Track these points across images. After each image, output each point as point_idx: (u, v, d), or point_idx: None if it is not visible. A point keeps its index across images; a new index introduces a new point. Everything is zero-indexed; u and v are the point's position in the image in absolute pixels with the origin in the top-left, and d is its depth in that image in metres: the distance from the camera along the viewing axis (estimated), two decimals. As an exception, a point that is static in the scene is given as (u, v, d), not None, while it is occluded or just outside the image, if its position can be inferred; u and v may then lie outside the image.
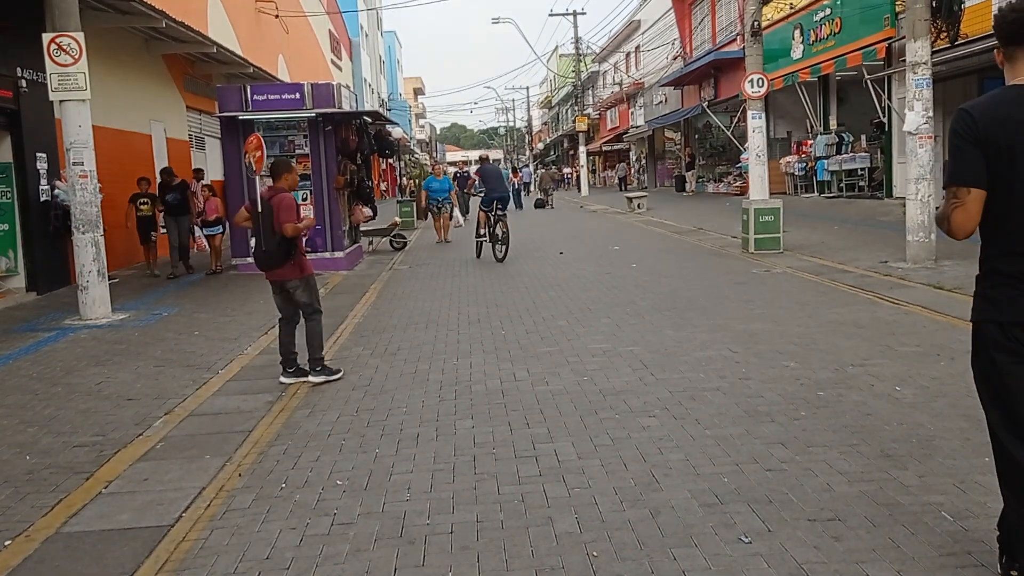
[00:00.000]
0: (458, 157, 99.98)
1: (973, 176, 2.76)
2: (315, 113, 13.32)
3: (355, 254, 15.10)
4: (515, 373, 6.53)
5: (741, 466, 4.33)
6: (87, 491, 4.46)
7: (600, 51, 48.42)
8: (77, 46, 9.40)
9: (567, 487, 4.17)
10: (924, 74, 10.58)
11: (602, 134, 55.11)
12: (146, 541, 3.80)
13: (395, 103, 63.49)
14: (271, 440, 5.14)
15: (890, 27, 17.79)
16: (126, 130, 15.31)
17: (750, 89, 14.61)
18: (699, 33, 33.91)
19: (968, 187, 2.77)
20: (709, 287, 10.22)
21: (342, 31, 44.01)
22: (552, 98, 75.66)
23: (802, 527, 3.60)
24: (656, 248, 15.32)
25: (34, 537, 3.91)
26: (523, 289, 10.91)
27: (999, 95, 2.81)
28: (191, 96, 19.22)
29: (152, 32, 15.51)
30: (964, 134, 2.78)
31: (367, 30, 54.98)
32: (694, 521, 3.71)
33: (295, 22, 29.47)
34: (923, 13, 10.60)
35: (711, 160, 34.46)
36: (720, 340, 7.26)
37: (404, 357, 7.28)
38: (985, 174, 2.74)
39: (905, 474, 4.12)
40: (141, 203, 13.37)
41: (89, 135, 9.66)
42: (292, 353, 6.60)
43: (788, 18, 22.80)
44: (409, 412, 5.62)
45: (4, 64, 11.16)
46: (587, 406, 5.53)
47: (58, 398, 6.42)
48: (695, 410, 5.33)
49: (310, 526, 3.87)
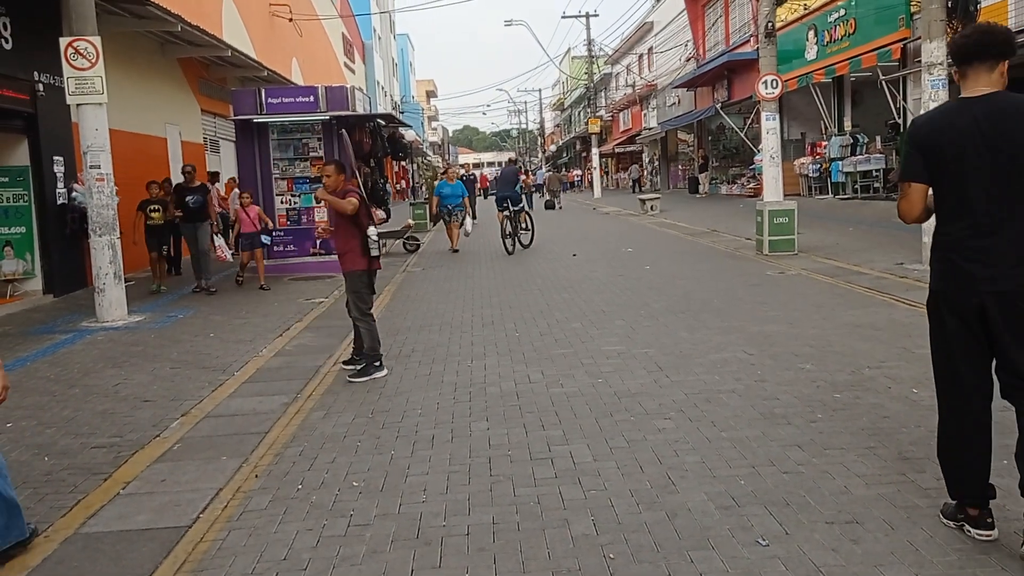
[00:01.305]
0: (471, 159, 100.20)
1: (914, 174, 3.44)
2: (329, 116, 13.37)
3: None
4: (530, 375, 6.53)
5: (758, 468, 4.32)
6: (105, 492, 4.49)
7: (613, 53, 48.38)
8: (94, 50, 9.47)
9: (583, 489, 4.17)
10: (940, 75, 10.51)
11: (615, 136, 55.06)
12: (164, 542, 3.82)
13: (408, 106, 63.62)
14: (287, 441, 5.16)
15: (905, 28, 17.68)
16: (142, 133, 15.41)
17: (764, 90, 14.56)
18: (712, 34, 33.82)
19: (910, 182, 3.46)
20: (723, 289, 10.18)
21: (355, 34, 44.14)
22: (564, 100, 75.65)
23: (820, 530, 3.59)
24: (670, 250, 15.29)
25: (53, 538, 3.94)
26: (537, 291, 10.91)
27: (946, 107, 3.47)
28: (206, 99, 19.33)
29: (168, 36, 15.61)
30: (910, 142, 3.49)
31: (380, 33, 55.14)
32: (711, 524, 3.70)
33: (309, 25, 29.57)
34: (939, 14, 10.54)
35: (724, 162, 34.35)
36: (735, 342, 7.24)
37: (419, 359, 7.29)
38: (925, 173, 3.41)
39: (923, 476, 4.10)
40: (152, 210, 12.19)
41: (106, 138, 9.74)
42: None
43: (802, 19, 22.71)
44: (424, 414, 5.63)
45: (22, 68, 11.26)
46: (602, 408, 5.52)
47: (76, 399, 6.46)
48: (711, 412, 5.31)
49: (327, 527, 3.88)
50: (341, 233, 6.78)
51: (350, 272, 6.76)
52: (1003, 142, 3.25)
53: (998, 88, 3.34)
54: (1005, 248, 3.27)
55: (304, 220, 13.67)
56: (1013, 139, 3.23)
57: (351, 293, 6.80)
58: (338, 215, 6.72)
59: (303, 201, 13.66)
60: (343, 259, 6.80)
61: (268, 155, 13.60)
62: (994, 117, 3.27)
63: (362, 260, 6.74)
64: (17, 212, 11.48)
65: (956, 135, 3.32)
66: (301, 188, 13.69)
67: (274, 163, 13.62)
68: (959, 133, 3.31)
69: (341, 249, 6.78)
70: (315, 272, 13.13)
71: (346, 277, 6.82)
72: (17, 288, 11.48)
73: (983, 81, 3.35)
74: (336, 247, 6.89)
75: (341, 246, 6.78)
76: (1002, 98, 3.30)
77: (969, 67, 3.37)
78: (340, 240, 6.79)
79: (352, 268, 6.75)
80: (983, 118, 3.28)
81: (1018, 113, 3.25)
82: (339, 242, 6.81)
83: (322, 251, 13.56)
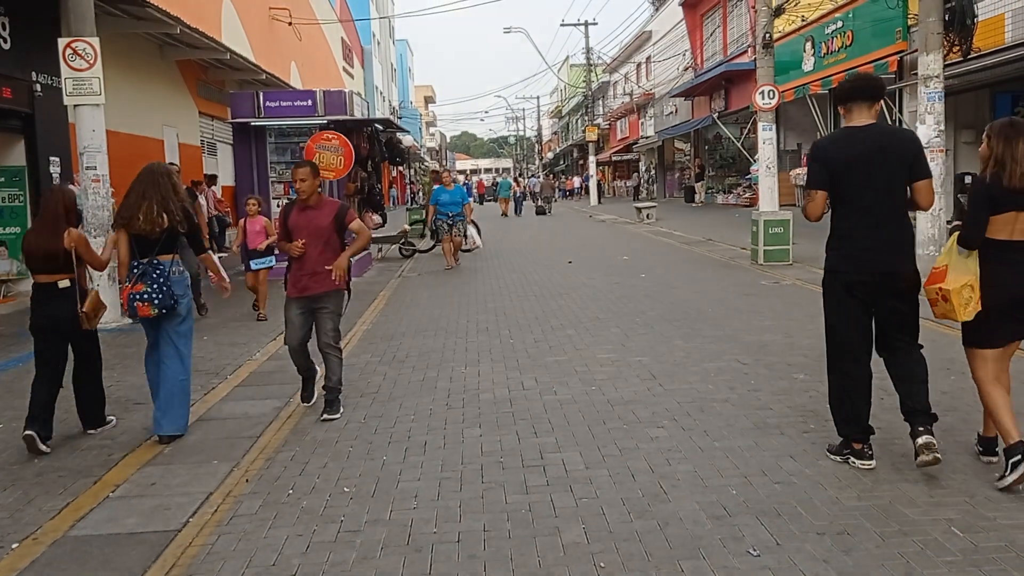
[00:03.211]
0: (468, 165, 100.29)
1: (819, 183, 4.37)
2: (327, 120, 13.37)
3: (364, 261, 15.12)
4: (523, 382, 6.52)
5: (750, 478, 4.32)
6: (95, 495, 4.47)
7: (611, 61, 48.43)
8: (92, 51, 9.46)
9: (575, 497, 4.16)
10: (936, 88, 10.55)
11: (612, 144, 55.12)
12: (153, 545, 3.80)
13: (406, 111, 63.68)
14: (279, 446, 5.15)
15: (902, 40, 17.74)
16: (139, 135, 15.39)
17: (761, 101, 14.60)
18: (710, 44, 33.91)
19: (816, 190, 4.38)
20: (718, 298, 10.19)
21: (354, 39, 44.18)
22: (562, 108, 75.74)
23: (811, 540, 3.58)
24: (665, 259, 15.30)
25: (41, 540, 3.92)
26: (532, 298, 10.90)
27: (840, 133, 4.54)
28: (204, 102, 19.32)
29: (167, 38, 15.60)
30: (816, 158, 4.42)
31: (379, 38, 55.21)
32: (702, 533, 3.69)
33: (308, 29, 29.59)
34: (935, 27, 10.58)
35: (721, 171, 34.41)
36: (729, 351, 7.24)
37: (412, 364, 7.28)
38: (827, 182, 4.34)
39: (915, 488, 4.10)
40: None
41: (103, 139, 9.72)
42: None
43: (799, 31, 22.77)
44: (417, 420, 5.61)
45: (20, 68, 11.24)
46: (595, 416, 5.52)
47: (67, 401, 6.39)
48: (704, 421, 5.31)
49: (317, 533, 3.87)
50: (330, 248, 5.80)
51: (336, 292, 5.80)
52: (883, 160, 4.23)
53: (874, 121, 4.37)
54: (886, 239, 4.26)
55: (300, 224, 13.65)
56: (890, 158, 4.23)
57: (335, 316, 5.83)
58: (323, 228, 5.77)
59: (299, 205, 13.66)
60: (326, 276, 5.70)
61: (265, 158, 13.60)
62: (875, 141, 4.26)
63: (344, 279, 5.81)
64: (12, 212, 11.45)
65: (850, 154, 4.28)
66: (297, 192, 13.68)
67: (271, 166, 13.61)
68: (852, 153, 4.28)
69: (323, 267, 5.70)
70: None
71: (329, 297, 5.77)
72: (11, 289, 11.44)
73: (864, 116, 4.37)
74: (317, 265, 5.72)
75: (324, 263, 5.71)
76: (879, 128, 4.37)
77: (853, 104, 4.39)
78: (326, 257, 5.74)
79: (338, 287, 5.80)
80: (868, 141, 4.27)
81: (892, 138, 4.33)
82: (325, 258, 5.73)
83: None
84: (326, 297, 5.77)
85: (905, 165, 4.26)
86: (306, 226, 5.75)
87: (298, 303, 5.82)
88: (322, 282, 5.72)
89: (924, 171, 4.28)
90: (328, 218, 5.80)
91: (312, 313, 5.83)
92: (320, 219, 5.78)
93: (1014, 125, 4.20)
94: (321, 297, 5.76)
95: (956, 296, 4.15)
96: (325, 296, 5.77)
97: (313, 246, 5.73)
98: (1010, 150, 4.10)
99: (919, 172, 4.26)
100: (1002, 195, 4.09)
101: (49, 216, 5.45)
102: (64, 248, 5.37)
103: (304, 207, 5.83)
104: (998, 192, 4.10)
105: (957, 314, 4.19)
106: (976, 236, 4.17)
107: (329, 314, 5.80)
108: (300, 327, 5.85)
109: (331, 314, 5.81)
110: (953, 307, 4.18)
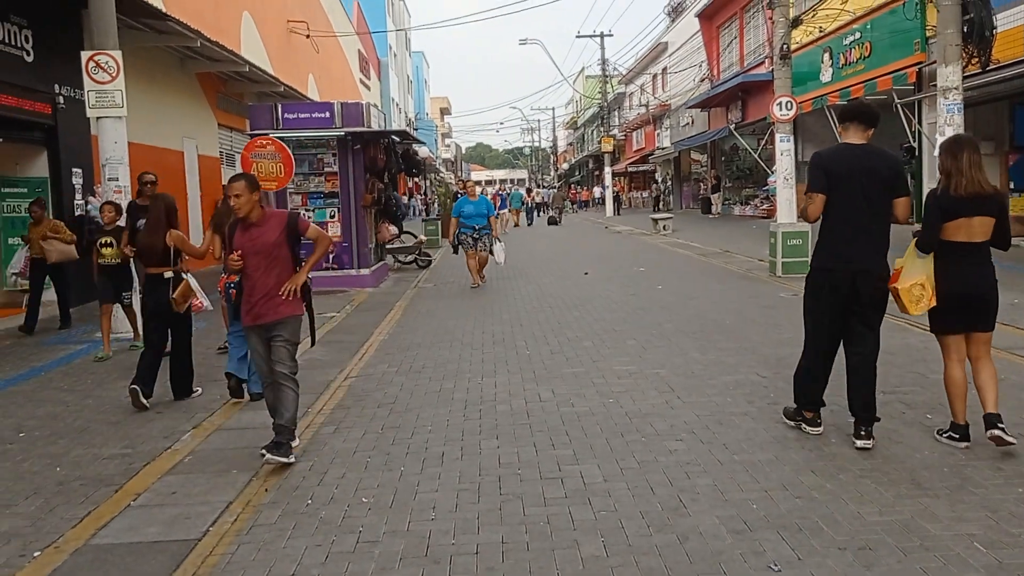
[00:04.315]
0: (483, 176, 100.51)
1: (820, 188, 4.95)
2: (344, 132, 13.46)
3: (381, 271, 15.18)
4: (540, 393, 6.52)
5: (770, 492, 4.29)
6: (116, 503, 4.50)
7: (627, 72, 48.48)
8: (115, 64, 9.58)
9: (593, 510, 4.15)
10: (955, 99, 10.51)
11: (628, 155, 55.11)
12: (174, 554, 3.82)
13: (422, 122, 63.99)
14: (297, 456, 5.16)
15: (920, 52, 17.68)
16: (159, 147, 15.54)
17: (778, 112, 14.57)
18: (727, 55, 33.90)
19: (816, 193, 4.96)
20: (736, 310, 10.16)
21: (371, 51, 44.49)
22: (578, 119, 75.83)
23: (832, 555, 3.56)
24: (682, 270, 15.27)
25: (63, 548, 3.95)
26: (548, 309, 10.90)
27: (838, 147, 5.07)
28: (223, 114, 19.50)
29: (187, 51, 15.79)
30: (817, 165, 5.01)
31: (396, 50, 55.55)
32: (722, 548, 3.67)
33: (325, 42, 29.83)
34: (954, 38, 10.54)
35: (737, 183, 34.33)
36: (747, 364, 7.21)
37: (429, 375, 7.29)
38: (826, 187, 4.92)
39: (937, 503, 4.07)
40: (103, 245, 8.57)
41: (124, 151, 9.82)
42: None
43: (817, 41, 22.73)
44: (434, 431, 5.62)
45: (43, 81, 11.39)
46: (613, 428, 5.51)
47: (88, 410, 6.50)
48: (722, 434, 5.29)
49: (335, 543, 3.88)
50: (280, 265, 5.17)
51: (291, 318, 5.18)
52: (872, 174, 4.87)
53: (865, 141, 5.00)
54: (866, 242, 4.90)
55: (317, 235, 13.72)
56: (876, 175, 4.88)
57: (290, 345, 5.18)
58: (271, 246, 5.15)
59: (316, 216, 13.74)
60: (281, 302, 5.12)
61: (284, 170, 13.67)
62: (866, 158, 4.91)
63: (301, 302, 5.27)
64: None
65: (845, 165, 4.92)
66: (315, 203, 13.78)
67: (289, 177, 13.68)
68: (847, 164, 4.92)
69: (276, 291, 5.11)
70: (327, 287, 13.16)
71: (285, 324, 5.15)
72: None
73: (859, 136, 5.00)
74: (269, 290, 5.12)
75: (278, 286, 5.12)
76: (870, 148, 4.98)
77: (851, 124, 5.02)
78: (280, 278, 5.15)
79: (294, 312, 5.20)
80: (860, 158, 4.91)
81: (880, 159, 4.94)
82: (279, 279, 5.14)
83: (335, 265, 13.62)
84: (280, 325, 5.13)
85: (889, 183, 4.91)
86: (251, 245, 5.11)
87: (256, 332, 5.18)
88: (276, 308, 5.11)
89: (904, 190, 4.97)
90: (275, 233, 5.13)
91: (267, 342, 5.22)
92: (265, 236, 5.12)
93: (958, 141, 4.95)
94: (275, 325, 5.12)
95: (905, 294, 4.89)
96: (279, 324, 5.13)
97: (261, 267, 5.11)
98: (956, 163, 4.76)
99: (900, 190, 4.95)
100: (951, 204, 4.75)
101: (154, 220, 6.78)
102: (166, 245, 6.64)
103: (247, 225, 5.16)
104: (947, 202, 4.76)
105: (908, 310, 4.92)
106: (930, 241, 4.84)
107: (283, 343, 5.13)
108: (264, 354, 5.20)
109: (285, 343, 5.14)
110: (904, 303, 4.92)
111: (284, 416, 5.05)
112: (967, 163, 4.72)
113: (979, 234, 4.77)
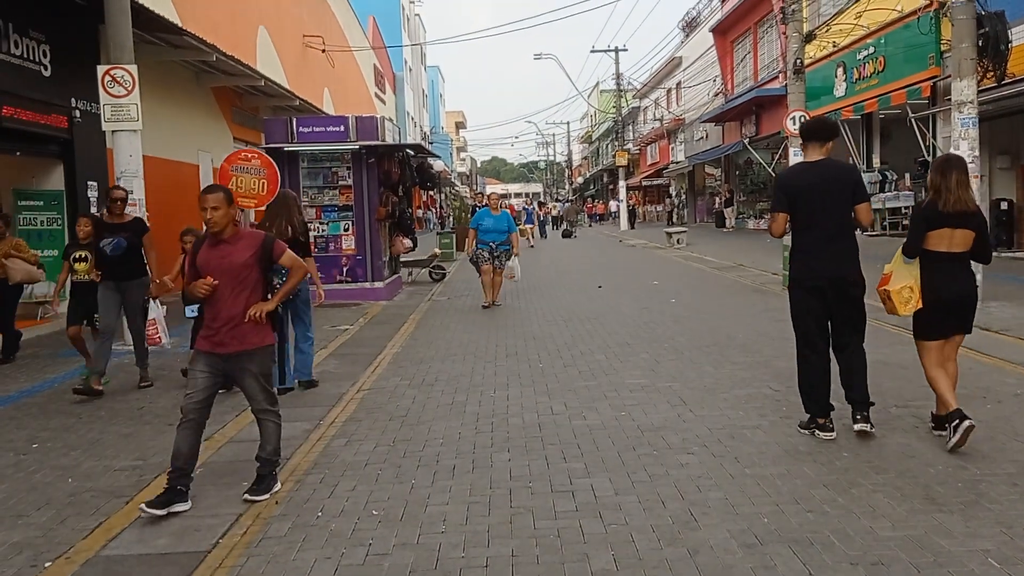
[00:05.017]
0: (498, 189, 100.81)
1: (782, 207, 5.43)
2: (359, 145, 13.53)
3: (395, 284, 15.22)
4: (552, 407, 6.50)
5: (782, 506, 4.26)
6: (127, 515, 4.51)
7: (641, 87, 48.55)
8: (131, 78, 9.68)
9: (604, 523, 4.12)
10: (970, 113, 10.45)
11: (642, 169, 55.11)
12: (183, 567, 3.82)
13: (437, 136, 64.28)
14: (308, 468, 5.17)
15: (935, 66, 17.62)
16: (175, 160, 15.67)
17: (792, 126, 14.55)
18: (741, 70, 33.92)
19: (779, 212, 5.45)
20: (749, 323, 10.11)
21: (386, 65, 44.78)
22: (592, 133, 75.97)
23: (844, 571, 3.52)
24: (695, 283, 15.22)
25: (74, 559, 3.96)
26: (561, 322, 10.89)
27: (798, 167, 5.67)
28: (238, 127, 19.63)
29: (203, 65, 15.92)
30: (779, 186, 5.51)
31: (411, 65, 55.88)
32: (733, 562, 3.64)
33: (341, 56, 30.04)
34: (969, 52, 10.49)
35: (751, 196, 34.26)
36: (760, 377, 7.17)
37: (442, 388, 7.29)
38: (787, 206, 5.39)
39: (951, 518, 4.02)
40: (76, 259, 7.82)
41: (139, 164, 9.91)
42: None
43: (831, 56, 22.70)
44: (446, 443, 5.61)
45: (59, 95, 11.52)
46: (625, 442, 5.48)
47: (101, 422, 6.52)
48: (735, 448, 5.26)
49: (345, 556, 3.87)
50: (248, 290, 4.72)
51: (261, 348, 4.76)
52: (830, 188, 5.27)
53: (825, 156, 5.39)
54: (835, 251, 5.31)
55: (331, 248, 13.79)
56: (835, 186, 5.28)
57: (261, 377, 4.79)
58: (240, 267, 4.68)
59: (331, 229, 13.81)
60: (248, 330, 4.67)
61: (298, 183, 13.75)
62: (826, 174, 5.32)
63: (271, 330, 4.89)
64: (50, 235, 11.70)
65: (806, 183, 5.34)
66: (329, 216, 13.85)
67: (303, 191, 13.77)
68: (807, 182, 5.34)
69: (243, 319, 4.65)
70: (341, 300, 13.20)
71: (252, 356, 4.71)
72: (48, 310, 11.63)
73: (817, 152, 5.40)
74: (234, 316, 4.64)
75: (243, 314, 4.65)
76: (827, 163, 5.39)
77: (809, 143, 5.43)
78: (248, 304, 4.69)
79: (264, 342, 4.79)
80: (819, 174, 5.32)
81: (838, 171, 5.38)
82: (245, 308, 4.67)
83: (348, 278, 13.67)
84: (246, 357, 4.68)
85: (848, 192, 5.30)
86: (218, 264, 4.64)
87: (207, 360, 4.66)
88: (242, 338, 4.66)
89: (863, 196, 5.37)
90: (245, 254, 4.68)
91: (225, 376, 4.79)
92: (235, 255, 4.67)
93: (949, 161, 5.23)
94: (241, 356, 4.68)
95: (896, 296, 5.27)
96: (246, 356, 4.68)
97: (227, 289, 4.64)
98: (945, 181, 5.09)
99: (859, 197, 5.35)
100: (936, 216, 5.13)
101: None
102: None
103: (216, 241, 4.70)
104: (931, 214, 5.15)
105: (898, 310, 5.29)
106: (914, 247, 5.24)
107: (253, 377, 4.74)
108: (204, 389, 4.62)
109: (255, 377, 4.74)
110: (894, 304, 5.29)
111: (266, 448, 4.81)
112: (955, 183, 5.07)
113: (959, 245, 5.16)
